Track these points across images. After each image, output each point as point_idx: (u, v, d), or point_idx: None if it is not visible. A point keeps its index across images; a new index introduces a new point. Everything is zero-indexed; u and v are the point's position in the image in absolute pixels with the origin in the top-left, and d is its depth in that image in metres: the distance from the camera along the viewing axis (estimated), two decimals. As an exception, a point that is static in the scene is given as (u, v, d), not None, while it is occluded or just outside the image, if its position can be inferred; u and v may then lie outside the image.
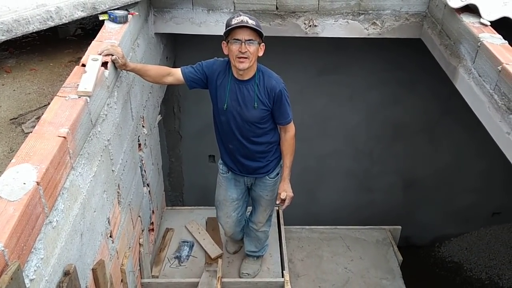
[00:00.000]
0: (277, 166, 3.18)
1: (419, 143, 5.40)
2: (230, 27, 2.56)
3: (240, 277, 3.66)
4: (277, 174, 3.20)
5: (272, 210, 3.47)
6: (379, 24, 3.53)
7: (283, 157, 3.07)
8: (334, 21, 3.51)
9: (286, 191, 3.09)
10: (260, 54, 2.69)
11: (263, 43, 2.68)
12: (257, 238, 3.59)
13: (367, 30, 3.56)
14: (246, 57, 2.60)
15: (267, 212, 3.41)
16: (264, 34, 2.66)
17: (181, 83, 2.84)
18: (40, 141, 1.74)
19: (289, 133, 2.98)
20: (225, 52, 2.70)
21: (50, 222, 1.65)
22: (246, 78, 2.76)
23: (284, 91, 2.82)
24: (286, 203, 3.12)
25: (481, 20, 2.81)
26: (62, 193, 1.77)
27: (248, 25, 2.54)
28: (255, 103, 2.79)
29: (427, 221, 5.94)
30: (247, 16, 2.59)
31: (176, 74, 2.80)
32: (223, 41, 2.68)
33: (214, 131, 3.07)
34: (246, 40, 2.57)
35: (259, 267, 3.75)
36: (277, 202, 3.17)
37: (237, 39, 2.57)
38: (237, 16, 2.59)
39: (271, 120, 2.93)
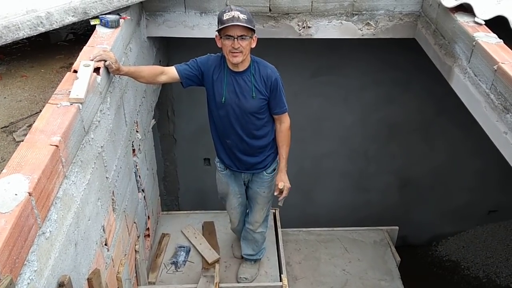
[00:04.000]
0: (274, 161, 3.18)
1: (415, 142, 5.40)
2: (222, 26, 2.57)
3: (238, 282, 3.63)
4: (274, 170, 3.20)
5: (268, 209, 3.45)
6: (373, 25, 3.52)
7: (279, 148, 3.06)
8: (328, 22, 3.50)
9: (283, 181, 3.05)
10: (253, 45, 2.71)
11: (255, 35, 2.69)
12: (254, 240, 3.57)
13: (361, 30, 3.55)
14: (239, 52, 2.63)
15: (264, 211, 3.39)
16: (258, 37, 2.70)
17: (176, 81, 2.84)
18: (32, 150, 1.70)
19: (284, 124, 2.99)
20: (219, 45, 2.72)
21: (43, 233, 1.61)
22: (241, 69, 2.78)
23: (280, 80, 2.85)
24: (284, 194, 3.07)
25: (476, 19, 2.80)
26: (55, 203, 1.73)
27: (240, 23, 2.54)
28: (253, 93, 2.80)
29: (423, 220, 5.94)
30: (238, 10, 2.59)
31: (170, 72, 2.79)
32: (217, 34, 2.68)
33: (210, 128, 3.06)
34: (238, 36, 2.59)
35: (257, 271, 3.72)
36: (275, 194, 3.10)
37: (230, 35, 2.59)
38: (229, 11, 2.59)
39: (269, 111, 2.94)
